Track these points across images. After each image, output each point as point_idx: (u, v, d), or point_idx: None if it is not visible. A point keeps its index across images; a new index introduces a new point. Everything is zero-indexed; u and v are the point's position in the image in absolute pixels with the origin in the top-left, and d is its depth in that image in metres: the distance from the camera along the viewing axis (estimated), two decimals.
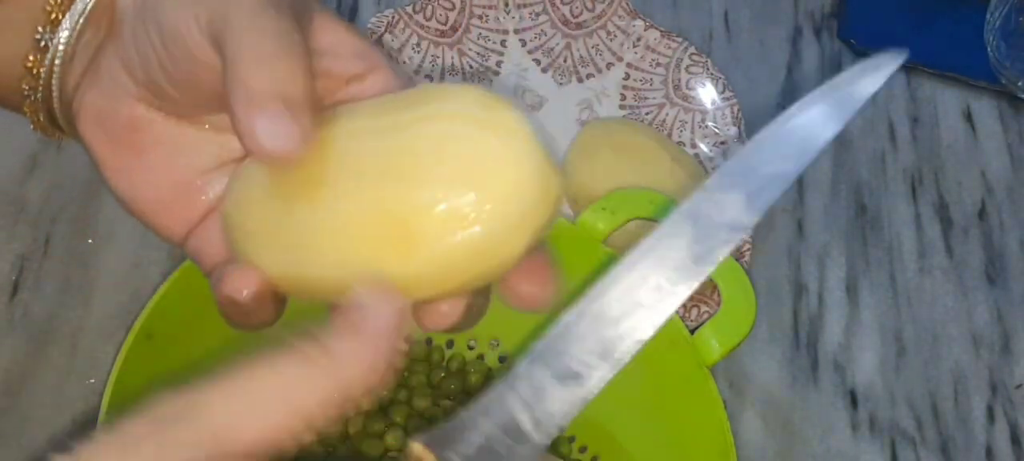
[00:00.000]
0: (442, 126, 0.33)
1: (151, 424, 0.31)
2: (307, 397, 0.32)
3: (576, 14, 0.74)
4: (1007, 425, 0.66)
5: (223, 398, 0.31)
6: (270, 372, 0.32)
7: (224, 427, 0.31)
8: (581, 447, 0.60)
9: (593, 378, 0.36)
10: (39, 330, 0.62)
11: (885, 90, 0.78)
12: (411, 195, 0.33)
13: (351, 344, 0.32)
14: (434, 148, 0.33)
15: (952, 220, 0.73)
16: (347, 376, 0.32)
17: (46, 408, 0.60)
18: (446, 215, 0.33)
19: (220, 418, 0.31)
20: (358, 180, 0.34)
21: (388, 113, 0.35)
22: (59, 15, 0.41)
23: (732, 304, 0.56)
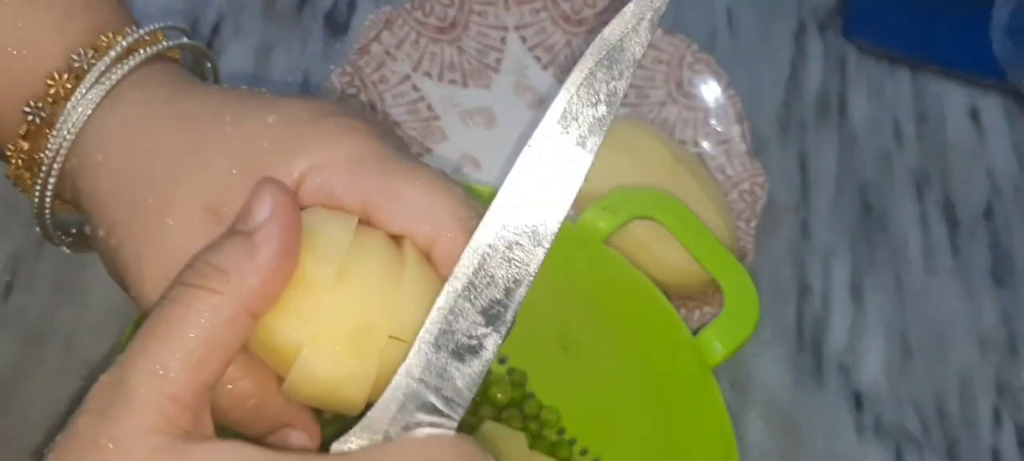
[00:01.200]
0: None
1: (94, 419, 0.34)
2: (216, 322, 0.34)
3: (577, 11, 0.73)
4: (1014, 427, 0.66)
5: (144, 361, 0.34)
6: (175, 313, 0.34)
7: (155, 393, 0.34)
8: (582, 449, 0.59)
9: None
10: (33, 331, 0.62)
11: (890, 88, 0.77)
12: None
13: (247, 262, 0.35)
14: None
15: (958, 220, 0.73)
16: (246, 292, 0.35)
17: (40, 409, 0.59)
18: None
19: (148, 386, 0.34)
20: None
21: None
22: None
23: (735, 305, 0.56)
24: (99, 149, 0.41)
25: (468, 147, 0.70)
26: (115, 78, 0.41)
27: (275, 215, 0.36)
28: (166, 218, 0.39)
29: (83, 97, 0.41)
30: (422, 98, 0.71)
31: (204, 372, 0.35)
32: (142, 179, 0.40)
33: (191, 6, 0.74)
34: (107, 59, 0.41)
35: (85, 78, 0.41)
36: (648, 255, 0.61)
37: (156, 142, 0.40)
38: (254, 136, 0.39)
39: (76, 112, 0.41)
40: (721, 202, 0.66)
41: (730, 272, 0.57)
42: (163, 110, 0.41)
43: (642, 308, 0.56)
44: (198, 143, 0.40)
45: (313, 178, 0.39)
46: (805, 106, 0.76)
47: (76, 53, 0.42)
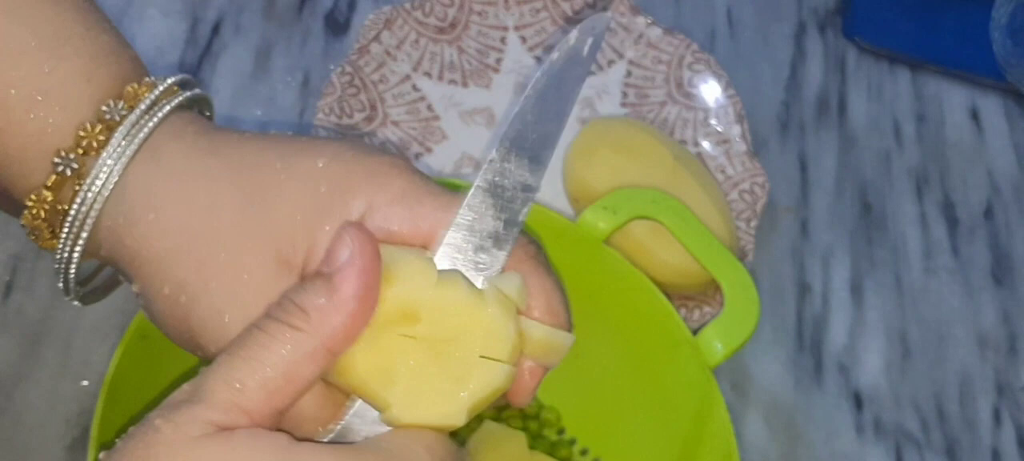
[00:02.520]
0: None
1: (165, 410, 0.36)
2: (296, 357, 0.36)
3: (577, 10, 0.73)
4: (1013, 427, 0.66)
5: (225, 372, 0.36)
6: (259, 340, 0.37)
7: (228, 400, 0.35)
8: (582, 449, 0.59)
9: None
10: (33, 330, 0.61)
11: (890, 88, 0.77)
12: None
13: (326, 302, 0.37)
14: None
15: (958, 219, 0.73)
16: (326, 331, 0.37)
17: (40, 409, 0.59)
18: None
19: (224, 393, 0.36)
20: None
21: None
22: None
23: (735, 305, 0.56)
24: (149, 207, 0.41)
25: (468, 147, 0.70)
26: (148, 128, 0.41)
27: (354, 257, 0.38)
28: (241, 273, 0.40)
29: (118, 148, 0.41)
30: (422, 98, 0.71)
31: (277, 399, 0.37)
32: (207, 236, 0.40)
33: (191, 6, 0.74)
34: (139, 110, 0.41)
35: (117, 129, 0.41)
36: (648, 255, 0.61)
37: (213, 196, 0.41)
38: (309, 180, 0.41)
39: (112, 163, 0.41)
40: (721, 202, 0.66)
41: (730, 272, 0.57)
42: (210, 162, 0.41)
43: (642, 308, 0.56)
44: (256, 191, 0.40)
45: (371, 218, 0.40)
46: (805, 106, 0.76)
47: (106, 105, 0.41)
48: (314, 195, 0.40)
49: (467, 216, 0.40)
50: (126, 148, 0.41)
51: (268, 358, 0.36)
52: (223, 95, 0.71)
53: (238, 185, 0.41)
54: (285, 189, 0.40)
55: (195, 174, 0.41)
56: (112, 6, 0.73)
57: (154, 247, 0.41)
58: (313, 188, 0.40)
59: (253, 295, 0.39)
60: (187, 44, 0.72)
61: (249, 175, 0.41)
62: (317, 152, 0.41)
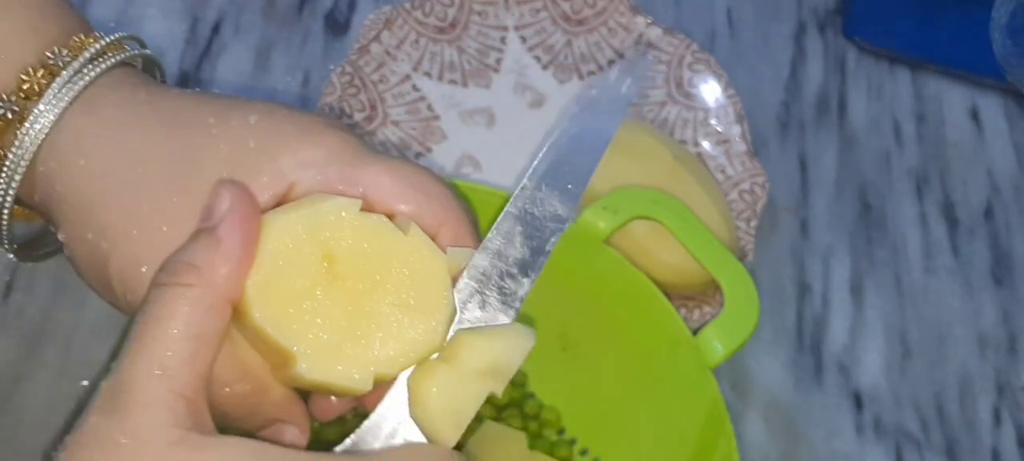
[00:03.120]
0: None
1: (102, 415, 0.36)
2: (198, 315, 0.37)
3: (577, 11, 0.73)
4: (1013, 427, 0.66)
5: (144, 363, 0.36)
6: (162, 311, 0.37)
7: (163, 392, 0.35)
8: (582, 449, 0.59)
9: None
10: (32, 331, 0.61)
11: (890, 88, 0.77)
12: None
13: (215, 254, 0.37)
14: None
15: (958, 220, 0.73)
16: (220, 282, 0.37)
17: (39, 409, 0.59)
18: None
19: (155, 387, 0.36)
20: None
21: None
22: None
23: (735, 305, 0.56)
24: (81, 153, 0.41)
25: (468, 147, 0.70)
26: (89, 78, 0.42)
27: (233, 207, 0.38)
28: (161, 224, 0.40)
29: (57, 94, 0.41)
30: (422, 98, 0.71)
31: (199, 364, 0.36)
32: (133, 184, 0.41)
33: (191, 5, 0.74)
34: (82, 58, 0.42)
35: (60, 75, 0.41)
36: (648, 255, 0.61)
37: (144, 147, 0.41)
38: (240, 136, 0.41)
39: (49, 109, 0.41)
40: (721, 202, 0.66)
41: (730, 272, 0.56)
42: (145, 112, 0.42)
43: (642, 308, 0.56)
44: (186, 146, 0.41)
45: (305, 173, 0.40)
46: (805, 106, 0.76)
47: (50, 51, 0.42)
48: (243, 151, 0.40)
49: (496, 241, 0.41)
50: (65, 94, 0.41)
51: (173, 326, 0.36)
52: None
53: (169, 138, 0.41)
54: (215, 144, 0.41)
55: (128, 125, 0.41)
56: (112, 6, 0.73)
57: (81, 192, 0.41)
58: (242, 144, 0.41)
59: (172, 246, 0.39)
60: (187, 44, 0.72)
61: (182, 129, 0.41)
62: (251, 109, 0.42)
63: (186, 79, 0.71)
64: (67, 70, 0.42)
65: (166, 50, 0.72)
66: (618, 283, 0.57)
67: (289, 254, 0.39)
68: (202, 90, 0.44)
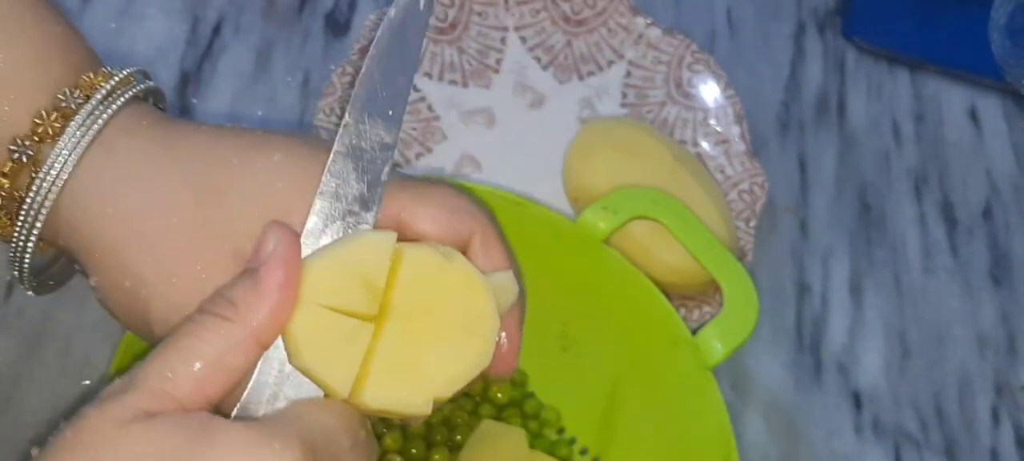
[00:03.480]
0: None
1: (97, 401, 0.36)
2: (224, 346, 0.38)
3: (577, 11, 0.73)
4: (1012, 427, 0.66)
5: (157, 363, 0.37)
6: (190, 331, 0.38)
7: (157, 388, 0.37)
8: (582, 449, 0.59)
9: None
10: (33, 331, 0.61)
11: (889, 88, 0.77)
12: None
13: (253, 295, 0.38)
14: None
15: (957, 220, 0.73)
16: (253, 321, 0.38)
17: (40, 410, 0.59)
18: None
19: (154, 381, 0.37)
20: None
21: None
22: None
23: (735, 305, 0.56)
24: (106, 202, 0.41)
25: (468, 147, 0.70)
26: (103, 119, 0.42)
27: (277, 251, 0.39)
28: (199, 270, 0.41)
29: (73, 137, 0.41)
30: (422, 98, 0.71)
31: (208, 387, 0.37)
32: (165, 232, 0.41)
33: (191, 6, 0.74)
34: (95, 99, 0.42)
35: (74, 118, 0.41)
36: (648, 255, 0.61)
37: (169, 193, 0.41)
38: (265, 175, 0.41)
39: (66, 152, 0.41)
40: (720, 202, 0.66)
41: (729, 272, 0.57)
42: (164, 156, 0.42)
43: (642, 308, 0.56)
44: (212, 190, 0.41)
45: None
46: (804, 106, 0.76)
47: (62, 93, 0.42)
48: (271, 191, 0.41)
49: (330, 183, 0.41)
50: (82, 137, 0.41)
51: (198, 347, 0.37)
52: (224, 95, 0.71)
53: (194, 182, 0.41)
54: (241, 186, 0.41)
55: (151, 170, 0.42)
56: (112, 6, 0.73)
57: (112, 242, 0.41)
58: (269, 184, 0.41)
59: (211, 288, 0.40)
60: (188, 44, 0.72)
61: (204, 171, 0.41)
62: (272, 146, 0.42)
63: (187, 79, 0.71)
64: (81, 113, 0.41)
65: (166, 51, 0.72)
66: (618, 283, 0.57)
67: (333, 294, 0.39)
68: (218, 126, 0.44)
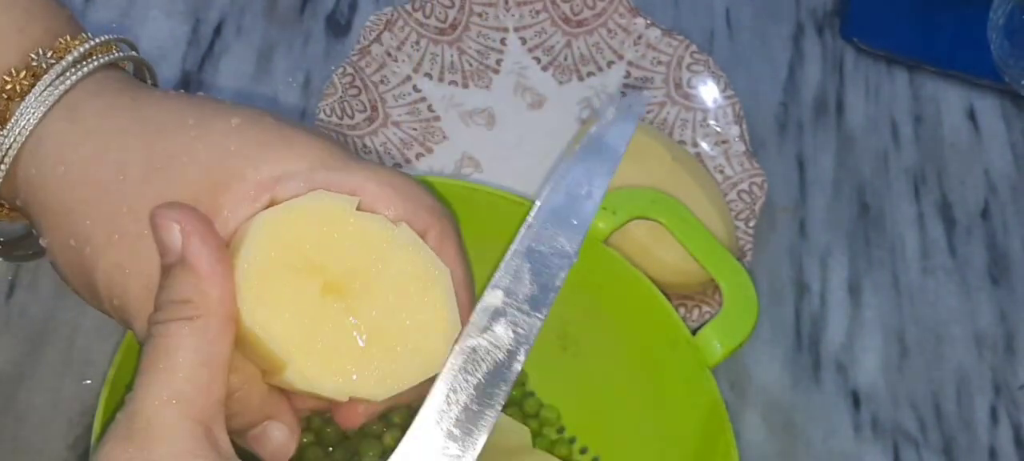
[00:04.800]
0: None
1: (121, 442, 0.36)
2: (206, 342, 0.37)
3: (576, 12, 0.73)
4: (1010, 426, 0.66)
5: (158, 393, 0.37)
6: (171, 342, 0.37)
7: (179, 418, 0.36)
8: (582, 448, 0.60)
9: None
10: (35, 330, 0.62)
11: (888, 89, 0.78)
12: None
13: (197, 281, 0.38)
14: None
15: (955, 220, 0.73)
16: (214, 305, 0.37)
17: (42, 408, 0.59)
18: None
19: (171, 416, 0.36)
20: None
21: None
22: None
23: (734, 305, 0.56)
24: (61, 161, 0.41)
25: (468, 147, 0.70)
26: (72, 80, 0.42)
27: (186, 230, 0.38)
28: (143, 229, 0.40)
29: (39, 96, 0.41)
30: (423, 98, 0.71)
31: (214, 390, 0.37)
32: (115, 192, 0.41)
33: (193, 6, 0.74)
34: (67, 60, 0.42)
35: (43, 77, 0.41)
36: (647, 255, 0.61)
37: (124, 153, 0.41)
38: (221, 141, 0.41)
39: (30, 111, 0.41)
40: (720, 202, 0.66)
41: (729, 272, 0.57)
42: (125, 117, 0.42)
43: (641, 308, 0.57)
44: (166, 151, 0.41)
45: (290, 180, 0.40)
46: (803, 107, 0.76)
47: (34, 53, 0.42)
48: (223, 154, 0.40)
49: (505, 279, 0.41)
50: (48, 96, 0.41)
51: (184, 356, 0.37)
52: (225, 96, 0.71)
53: (149, 143, 0.41)
54: (195, 149, 0.41)
55: (109, 132, 0.41)
56: (114, 7, 0.73)
57: (63, 199, 0.41)
58: (223, 148, 0.41)
59: (154, 251, 0.39)
60: (189, 45, 0.73)
61: (161, 134, 0.41)
62: (233, 113, 0.42)
63: (188, 80, 0.71)
64: (50, 72, 0.42)
65: (168, 51, 0.72)
66: (618, 283, 0.57)
67: (283, 254, 0.38)
68: (189, 93, 0.43)
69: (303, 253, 0.38)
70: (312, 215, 0.39)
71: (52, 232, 0.42)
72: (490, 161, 0.70)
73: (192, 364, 0.37)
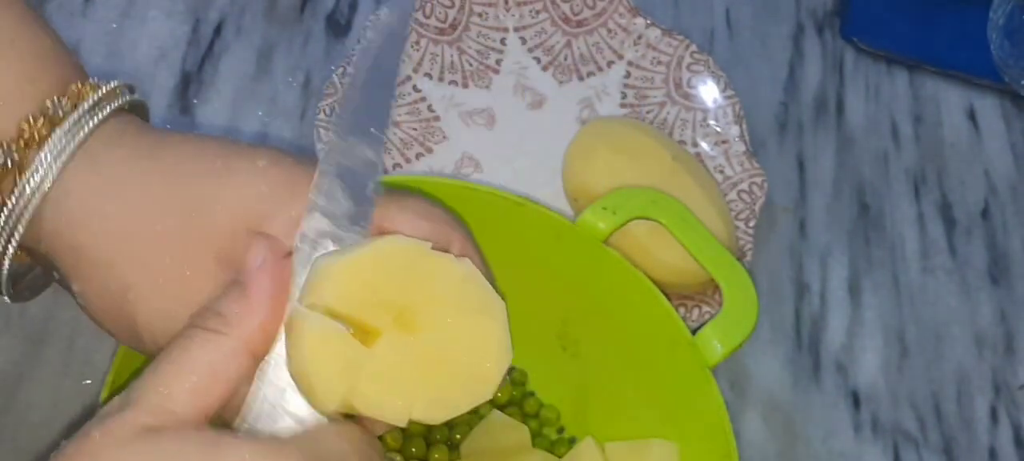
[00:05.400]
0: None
1: (97, 419, 0.37)
2: (217, 358, 0.38)
3: (576, 12, 0.73)
4: (1010, 426, 0.66)
5: (152, 379, 0.38)
6: (182, 345, 0.38)
7: (155, 404, 0.37)
8: None
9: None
10: (35, 330, 0.62)
11: (888, 89, 0.78)
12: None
13: (242, 306, 0.39)
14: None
15: (955, 220, 0.73)
16: (244, 333, 0.39)
17: (42, 409, 0.60)
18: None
19: (151, 397, 0.37)
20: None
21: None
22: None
23: (734, 305, 0.56)
24: (93, 212, 0.42)
25: (468, 147, 0.70)
26: (89, 127, 0.42)
27: (265, 263, 0.40)
28: (184, 274, 0.41)
29: (58, 144, 0.42)
30: (423, 98, 0.71)
31: (204, 399, 0.38)
32: (151, 240, 0.42)
33: (193, 6, 0.74)
34: (82, 108, 0.42)
35: (61, 124, 0.42)
36: (647, 255, 0.61)
37: (155, 202, 0.42)
38: (251, 181, 0.42)
39: (50, 158, 0.41)
40: (720, 202, 0.66)
41: (729, 272, 0.57)
42: (148, 164, 0.42)
43: (641, 308, 0.57)
44: (198, 196, 0.42)
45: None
46: (803, 107, 0.76)
47: (50, 100, 0.42)
48: (255, 195, 0.41)
49: (320, 199, 0.41)
50: (67, 144, 0.42)
51: (190, 361, 0.38)
52: (225, 96, 0.71)
53: (178, 189, 0.42)
54: (225, 190, 0.42)
55: (135, 178, 0.42)
56: (114, 7, 0.73)
57: (101, 251, 0.42)
58: (254, 189, 0.42)
59: (196, 294, 0.41)
60: (189, 45, 0.73)
61: (190, 179, 0.42)
62: (257, 154, 0.43)
63: (188, 80, 0.71)
64: (67, 120, 0.42)
65: (168, 51, 0.72)
66: (618, 283, 0.57)
67: (339, 301, 0.39)
68: (197, 134, 0.44)
69: (356, 304, 0.39)
70: (380, 258, 0.40)
71: (87, 282, 0.42)
72: (490, 161, 0.70)
73: (195, 369, 0.38)
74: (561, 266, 0.58)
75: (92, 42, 0.72)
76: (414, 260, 0.40)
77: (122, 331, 0.43)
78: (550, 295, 0.58)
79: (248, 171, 0.42)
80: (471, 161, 0.70)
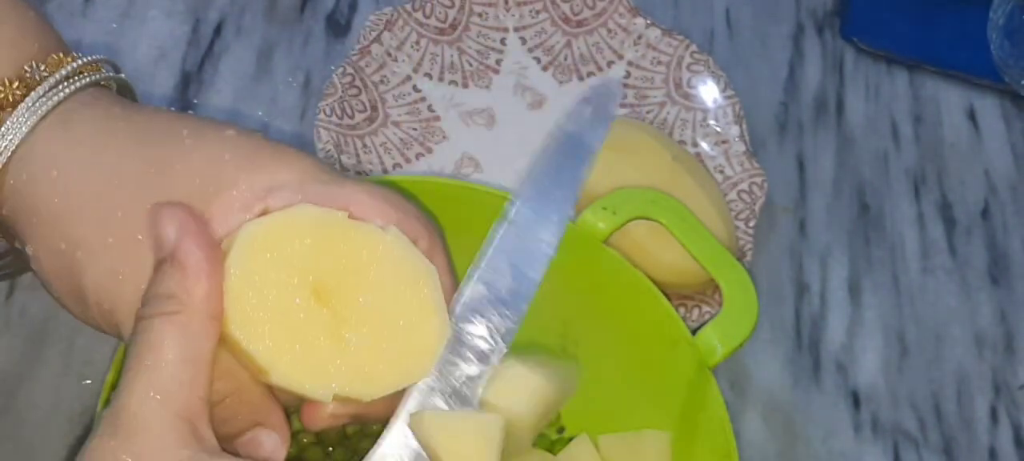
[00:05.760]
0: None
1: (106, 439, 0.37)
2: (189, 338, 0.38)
3: (576, 12, 0.73)
4: (1011, 426, 0.66)
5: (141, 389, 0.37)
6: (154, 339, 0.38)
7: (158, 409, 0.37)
8: None
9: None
10: (36, 330, 0.62)
11: (888, 89, 0.78)
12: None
13: (184, 278, 0.38)
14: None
15: (955, 220, 0.73)
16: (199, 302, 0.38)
17: (42, 409, 0.60)
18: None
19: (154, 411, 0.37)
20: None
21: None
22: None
23: (734, 305, 0.56)
24: (53, 166, 0.42)
25: (468, 147, 0.70)
26: (64, 93, 0.42)
27: (182, 228, 0.39)
28: (137, 233, 0.41)
29: (31, 106, 0.42)
30: (423, 98, 0.71)
31: (198, 387, 0.38)
32: (107, 196, 0.41)
33: (193, 6, 0.74)
34: (60, 74, 0.42)
35: (36, 88, 0.42)
36: (647, 255, 0.61)
37: (117, 160, 0.41)
38: (215, 149, 0.42)
39: (22, 120, 0.41)
40: (720, 202, 0.66)
41: (729, 272, 0.57)
42: (119, 127, 0.42)
43: (641, 308, 0.57)
44: (161, 159, 0.41)
45: (281, 191, 0.41)
46: (803, 107, 0.76)
47: (28, 65, 0.43)
48: (218, 163, 0.41)
49: (487, 274, 0.42)
50: (39, 107, 0.42)
51: (167, 353, 0.37)
52: (225, 96, 0.71)
53: (144, 151, 0.42)
54: (190, 158, 0.41)
55: (103, 139, 0.42)
56: (114, 7, 0.73)
57: (53, 205, 0.41)
58: (218, 156, 0.41)
59: (146, 257, 0.40)
60: (189, 45, 0.73)
61: (156, 143, 0.42)
62: (225, 125, 0.43)
63: (188, 80, 0.71)
64: (44, 84, 0.42)
65: (168, 51, 0.72)
66: (618, 283, 0.57)
67: (270, 260, 0.39)
68: (175, 110, 0.44)
69: (292, 260, 0.39)
70: (301, 223, 0.39)
71: (39, 238, 0.42)
72: (490, 161, 0.70)
73: (176, 360, 0.37)
74: (561, 266, 0.58)
75: (92, 42, 0.72)
76: (332, 228, 0.39)
77: (68, 291, 0.42)
78: (550, 295, 0.58)
79: (215, 138, 0.42)
80: (471, 161, 0.70)
